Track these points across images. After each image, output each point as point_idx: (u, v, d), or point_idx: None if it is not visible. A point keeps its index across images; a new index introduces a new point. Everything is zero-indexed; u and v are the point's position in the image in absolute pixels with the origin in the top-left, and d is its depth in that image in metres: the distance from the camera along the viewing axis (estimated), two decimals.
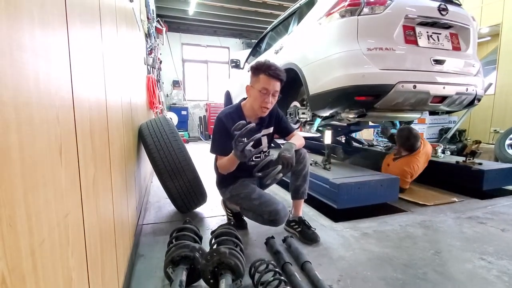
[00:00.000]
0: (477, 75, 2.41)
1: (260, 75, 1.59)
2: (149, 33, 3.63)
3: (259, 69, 1.60)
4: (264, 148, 1.80)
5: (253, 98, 1.64)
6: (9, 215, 0.37)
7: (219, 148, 1.67)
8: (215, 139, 1.70)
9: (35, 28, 0.48)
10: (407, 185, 2.65)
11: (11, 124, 0.39)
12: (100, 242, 0.81)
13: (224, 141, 1.64)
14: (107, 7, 1.13)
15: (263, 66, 1.59)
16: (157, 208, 2.28)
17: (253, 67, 1.63)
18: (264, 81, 1.57)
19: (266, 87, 1.57)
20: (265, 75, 1.57)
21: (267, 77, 1.57)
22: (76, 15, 0.71)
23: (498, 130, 4.71)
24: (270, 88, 1.58)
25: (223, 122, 1.65)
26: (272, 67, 1.58)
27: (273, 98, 1.62)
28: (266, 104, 1.61)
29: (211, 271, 1.18)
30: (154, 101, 3.53)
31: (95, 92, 0.87)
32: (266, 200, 1.64)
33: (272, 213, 1.57)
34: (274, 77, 1.57)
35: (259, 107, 1.62)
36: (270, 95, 1.59)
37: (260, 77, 1.59)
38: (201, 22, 7.75)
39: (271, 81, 1.57)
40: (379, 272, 1.36)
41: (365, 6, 2.11)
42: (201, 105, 8.69)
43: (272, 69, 1.57)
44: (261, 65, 1.60)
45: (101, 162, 0.87)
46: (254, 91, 1.62)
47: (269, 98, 1.60)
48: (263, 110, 1.63)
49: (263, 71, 1.58)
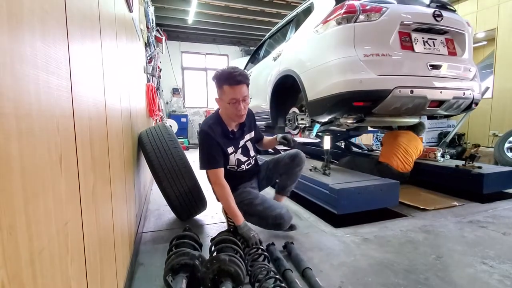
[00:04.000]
0: (474, 79, 2.44)
1: (223, 86, 1.54)
2: (149, 42, 3.67)
3: (220, 80, 1.55)
4: (251, 152, 1.84)
5: (225, 109, 1.62)
6: (10, 223, 0.37)
7: (210, 161, 1.63)
8: (204, 152, 1.64)
9: (36, 40, 0.49)
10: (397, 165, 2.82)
11: (12, 134, 0.40)
12: (100, 250, 0.81)
13: (214, 151, 1.62)
14: (107, 17, 1.15)
15: (222, 76, 1.54)
16: (156, 216, 2.27)
17: (214, 79, 1.59)
18: (229, 92, 1.53)
19: (233, 97, 1.54)
20: (228, 85, 1.53)
21: (230, 87, 1.52)
22: (76, 26, 0.72)
23: (497, 134, 4.72)
24: (238, 96, 1.54)
25: (209, 133, 1.62)
26: (232, 74, 1.52)
27: (244, 103, 1.59)
28: (240, 112, 1.58)
29: (211, 279, 1.17)
30: (154, 108, 3.55)
31: (95, 101, 0.88)
32: (270, 205, 1.68)
33: (277, 218, 1.63)
34: (238, 84, 1.52)
35: (235, 116, 1.61)
36: (241, 102, 1.56)
37: (224, 88, 1.54)
38: (200, 31, 7.85)
39: (236, 89, 1.53)
40: (380, 278, 1.35)
41: (361, 13, 2.14)
42: (200, 112, 8.72)
43: (232, 76, 1.51)
44: (220, 75, 1.55)
45: (100, 171, 0.88)
46: (223, 103, 1.59)
47: (240, 105, 1.56)
48: (239, 118, 1.63)
49: (224, 82, 1.53)
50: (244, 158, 1.81)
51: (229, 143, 1.72)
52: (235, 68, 1.57)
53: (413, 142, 2.91)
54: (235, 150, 1.75)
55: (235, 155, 1.76)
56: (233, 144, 1.74)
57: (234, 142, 1.74)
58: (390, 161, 2.83)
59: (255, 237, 1.53)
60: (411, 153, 2.85)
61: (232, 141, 1.73)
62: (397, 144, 2.87)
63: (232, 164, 1.76)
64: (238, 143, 1.76)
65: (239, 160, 1.79)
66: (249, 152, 1.84)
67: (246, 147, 1.82)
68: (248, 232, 1.54)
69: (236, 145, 1.75)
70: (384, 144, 3.09)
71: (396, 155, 2.83)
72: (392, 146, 2.90)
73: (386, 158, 2.89)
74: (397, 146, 2.86)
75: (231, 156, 1.73)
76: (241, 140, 1.78)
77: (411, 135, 2.98)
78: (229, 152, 1.71)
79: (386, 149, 2.98)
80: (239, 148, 1.77)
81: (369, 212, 2.14)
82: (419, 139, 3.02)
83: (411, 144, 2.88)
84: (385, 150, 2.99)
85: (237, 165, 1.79)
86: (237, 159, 1.77)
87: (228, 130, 1.71)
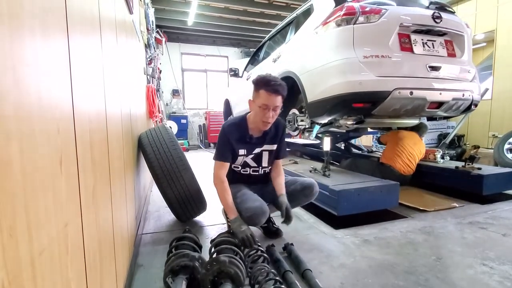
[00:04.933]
0: (473, 80, 2.44)
1: (260, 90, 1.58)
2: (149, 44, 3.68)
3: (259, 84, 1.59)
4: (263, 163, 1.81)
5: (255, 113, 1.66)
6: (10, 225, 0.37)
7: (218, 154, 1.71)
8: (217, 147, 1.74)
9: (37, 43, 0.49)
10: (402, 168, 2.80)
11: (13, 136, 0.40)
12: (99, 252, 0.81)
13: (224, 149, 1.69)
14: (107, 19, 1.16)
15: (263, 81, 1.58)
16: (156, 218, 2.27)
17: (254, 82, 1.63)
18: (264, 97, 1.57)
19: (265, 103, 1.57)
20: (265, 91, 1.56)
21: (267, 93, 1.56)
22: (77, 28, 0.73)
23: (496, 135, 4.73)
24: (270, 104, 1.57)
25: (225, 130, 1.70)
26: (272, 82, 1.57)
27: (274, 112, 1.62)
28: (267, 119, 1.61)
29: (211, 281, 1.17)
30: (154, 110, 3.55)
31: (95, 103, 0.88)
32: (245, 199, 1.65)
33: (248, 210, 1.57)
34: (274, 93, 1.56)
35: (261, 121, 1.64)
36: (271, 110, 1.59)
37: (260, 92, 1.58)
38: (200, 32, 7.87)
39: (271, 96, 1.56)
40: (380, 279, 1.35)
41: (360, 15, 2.15)
42: (200, 114, 8.73)
43: (272, 84, 1.56)
44: (261, 79, 1.59)
45: (100, 172, 0.88)
46: (255, 106, 1.63)
47: (269, 113, 1.59)
48: (264, 125, 1.65)
49: (263, 87, 1.57)
50: (252, 164, 1.80)
51: (243, 146, 1.73)
52: (277, 78, 1.63)
53: (418, 145, 2.89)
54: (246, 153, 1.75)
55: (244, 158, 1.76)
56: (246, 147, 1.74)
57: (248, 146, 1.74)
58: (393, 163, 2.82)
59: (244, 232, 1.49)
60: (415, 156, 2.84)
61: (247, 144, 1.73)
62: (402, 146, 2.84)
63: (237, 164, 1.78)
64: (253, 149, 1.75)
65: (246, 163, 1.79)
66: (261, 161, 1.81)
67: (260, 155, 1.79)
68: (238, 227, 1.52)
69: (250, 149, 1.75)
70: (388, 144, 3.05)
71: (400, 157, 2.81)
72: (396, 147, 2.87)
73: (389, 159, 2.87)
74: (401, 148, 2.83)
75: (240, 157, 1.75)
76: (258, 148, 1.76)
77: (416, 137, 2.95)
78: (239, 153, 1.73)
79: (390, 150, 2.95)
80: (252, 154, 1.76)
81: (369, 214, 2.14)
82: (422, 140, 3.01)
83: (416, 148, 2.86)
84: (389, 151, 2.96)
85: (242, 166, 1.79)
86: (245, 161, 1.78)
87: (247, 134, 1.72)
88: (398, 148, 2.85)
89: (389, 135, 3.15)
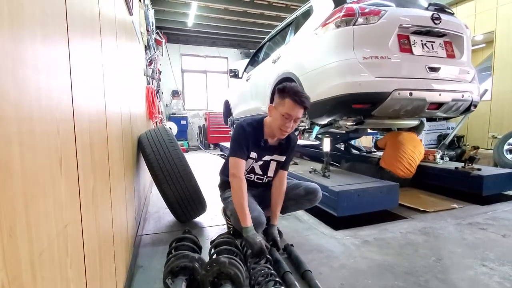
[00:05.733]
0: (472, 81, 2.45)
1: (286, 98, 1.55)
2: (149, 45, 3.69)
3: (286, 92, 1.56)
4: (269, 172, 1.79)
5: (274, 119, 1.62)
6: (10, 226, 0.38)
7: (235, 149, 1.64)
8: (233, 141, 1.67)
9: (37, 44, 0.49)
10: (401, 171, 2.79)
11: (13, 137, 0.40)
12: (99, 253, 0.81)
13: (242, 142, 1.63)
14: (107, 20, 1.16)
15: (291, 91, 1.55)
16: (156, 218, 2.27)
17: (280, 89, 1.60)
18: (289, 106, 1.54)
19: (289, 113, 1.54)
20: (291, 100, 1.53)
21: (293, 103, 1.53)
22: (77, 30, 0.73)
23: (496, 136, 4.73)
24: (293, 114, 1.55)
25: (244, 127, 1.65)
26: (299, 93, 1.55)
27: (294, 123, 1.59)
28: (286, 129, 1.58)
29: (211, 282, 1.17)
30: (154, 111, 3.55)
31: (95, 104, 0.88)
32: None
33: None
34: (300, 104, 1.53)
35: (278, 129, 1.60)
36: (292, 121, 1.57)
37: (286, 101, 1.55)
38: (200, 33, 7.88)
39: (296, 107, 1.53)
40: (380, 280, 1.35)
41: (359, 16, 2.15)
42: (200, 115, 8.73)
43: (299, 95, 1.54)
44: (289, 89, 1.56)
45: (100, 173, 0.88)
46: (276, 113, 1.59)
47: (290, 123, 1.57)
48: (282, 133, 1.62)
49: (289, 96, 1.54)
50: (259, 171, 1.78)
51: (256, 149, 1.69)
52: (303, 91, 1.61)
53: (418, 147, 2.87)
54: (256, 158, 1.72)
55: (253, 162, 1.73)
56: (258, 152, 1.70)
57: (260, 151, 1.71)
58: (394, 169, 2.79)
59: (260, 244, 1.41)
60: (415, 159, 2.82)
61: (259, 148, 1.70)
62: (403, 151, 2.80)
63: (245, 167, 1.72)
64: (263, 155, 1.73)
65: (253, 169, 1.76)
66: (267, 170, 1.78)
67: (268, 164, 1.77)
68: (254, 237, 1.44)
69: (260, 155, 1.72)
70: (387, 148, 3.00)
71: (401, 162, 2.78)
72: (397, 152, 2.82)
73: (390, 165, 2.83)
74: (402, 153, 2.79)
75: (250, 160, 1.71)
76: (267, 155, 1.74)
77: (416, 139, 2.93)
78: (251, 156, 1.69)
79: (390, 154, 2.90)
80: (261, 160, 1.73)
81: (369, 214, 2.14)
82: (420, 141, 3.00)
83: (416, 150, 2.83)
84: (389, 155, 2.91)
85: (248, 172, 1.76)
86: (252, 167, 1.75)
87: (262, 138, 1.69)
88: (399, 153, 2.81)
89: (387, 138, 3.09)
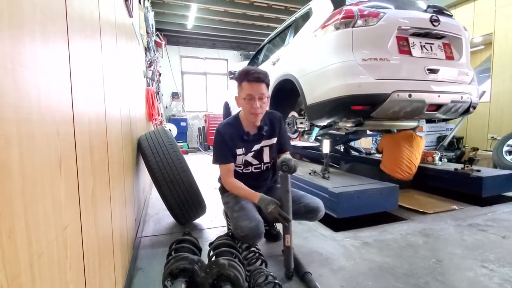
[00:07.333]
0: (471, 83, 2.45)
1: (242, 82, 1.60)
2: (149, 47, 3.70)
3: (240, 77, 1.61)
4: (264, 158, 1.78)
5: (243, 107, 1.65)
6: (9, 227, 0.38)
7: (218, 156, 1.68)
8: (214, 149, 1.72)
9: (37, 46, 0.50)
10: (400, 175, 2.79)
11: (12, 139, 0.40)
12: (98, 255, 0.81)
13: (223, 150, 1.66)
14: (107, 22, 1.17)
15: (242, 73, 1.61)
16: (156, 220, 2.26)
17: (235, 77, 1.66)
18: (246, 88, 1.58)
19: (249, 93, 1.57)
20: (247, 82, 1.58)
21: (248, 83, 1.57)
22: (77, 31, 0.73)
23: (495, 137, 4.73)
24: (254, 93, 1.56)
25: (220, 132, 1.68)
26: (251, 71, 1.58)
27: (261, 102, 1.59)
28: (255, 110, 1.58)
29: (211, 284, 1.17)
30: (153, 113, 3.56)
31: (95, 106, 0.88)
32: (242, 214, 1.53)
33: (243, 229, 1.46)
34: (255, 81, 1.56)
35: (250, 114, 1.62)
36: (257, 100, 1.57)
37: (243, 85, 1.60)
38: (199, 35, 7.90)
39: (253, 85, 1.57)
40: (380, 282, 1.35)
41: (358, 18, 2.16)
42: (200, 116, 8.74)
43: (251, 73, 1.57)
44: (241, 73, 1.62)
45: (100, 175, 0.88)
46: (241, 101, 1.63)
47: (256, 103, 1.57)
48: (254, 117, 1.62)
49: (243, 78, 1.59)
50: (254, 161, 1.77)
51: (241, 145, 1.69)
52: (256, 68, 1.64)
53: (416, 148, 2.85)
54: (245, 152, 1.72)
55: (244, 156, 1.73)
56: (244, 146, 1.71)
57: (246, 145, 1.71)
58: (394, 174, 2.79)
59: (275, 213, 1.43)
60: (414, 161, 2.82)
61: (244, 143, 1.70)
62: (401, 154, 2.79)
63: (239, 163, 1.74)
64: (252, 146, 1.73)
65: (247, 162, 1.75)
66: (262, 157, 1.77)
67: (261, 151, 1.76)
68: (266, 207, 1.47)
69: (249, 148, 1.72)
70: (385, 151, 2.99)
71: (400, 167, 2.78)
72: (396, 156, 2.81)
73: (389, 169, 2.83)
74: (400, 157, 2.78)
75: (239, 157, 1.72)
76: (257, 144, 1.73)
77: (414, 140, 2.91)
78: (237, 153, 1.70)
79: (389, 158, 2.89)
80: (251, 151, 1.73)
81: (368, 216, 2.13)
82: (420, 138, 2.96)
83: (414, 151, 2.83)
84: (388, 159, 2.90)
85: (244, 165, 1.76)
86: (245, 160, 1.74)
87: (243, 132, 1.69)
88: (396, 157, 2.80)
89: (385, 140, 3.08)
